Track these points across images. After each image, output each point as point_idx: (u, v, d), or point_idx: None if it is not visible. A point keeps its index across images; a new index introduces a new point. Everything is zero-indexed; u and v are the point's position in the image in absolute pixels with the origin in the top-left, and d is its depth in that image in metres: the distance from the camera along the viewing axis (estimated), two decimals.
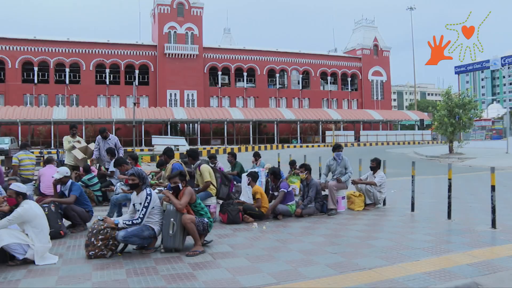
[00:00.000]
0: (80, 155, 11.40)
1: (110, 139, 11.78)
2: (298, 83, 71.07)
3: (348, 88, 74.98)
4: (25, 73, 58.81)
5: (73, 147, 11.62)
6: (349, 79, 74.48)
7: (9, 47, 57.27)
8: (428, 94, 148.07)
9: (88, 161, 12.02)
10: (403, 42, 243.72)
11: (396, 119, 70.76)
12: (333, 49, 78.18)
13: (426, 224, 8.29)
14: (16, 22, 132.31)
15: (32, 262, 5.91)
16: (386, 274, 5.22)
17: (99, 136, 11.91)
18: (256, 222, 8.53)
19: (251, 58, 67.62)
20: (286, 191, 9.04)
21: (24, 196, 6.22)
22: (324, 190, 9.85)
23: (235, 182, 9.77)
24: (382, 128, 69.95)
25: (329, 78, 72.99)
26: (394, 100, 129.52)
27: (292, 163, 12.74)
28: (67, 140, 11.77)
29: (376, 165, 10.40)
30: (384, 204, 10.55)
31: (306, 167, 9.61)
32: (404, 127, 75.38)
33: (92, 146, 12.00)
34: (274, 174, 9.54)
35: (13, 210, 6.07)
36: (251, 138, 60.04)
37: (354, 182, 10.42)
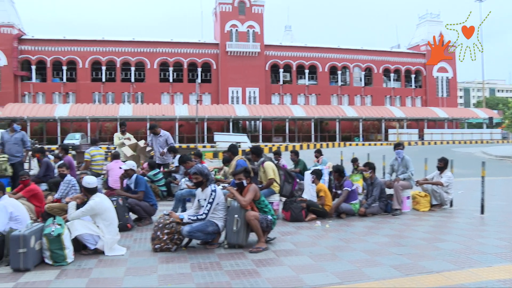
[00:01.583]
0: (129, 152, 11.64)
1: (161, 135, 11.95)
2: (360, 80, 69.81)
3: (411, 85, 72.71)
4: (94, 73, 61.28)
5: (123, 144, 11.90)
6: (412, 75, 72.21)
7: (80, 48, 59.95)
8: (498, 91, 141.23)
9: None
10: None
11: (463, 117, 67.99)
12: (396, 45, 76.15)
13: (498, 228, 7.91)
14: (83, 23, 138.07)
15: (102, 252, 6.19)
16: (455, 278, 5.03)
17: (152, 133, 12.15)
18: (319, 221, 8.48)
19: (313, 55, 67.12)
20: (349, 189, 8.93)
21: (95, 190, 6.52)
22: (390, 188, 9.64)
23: (298, 180, 9.73)
24: (447, 126, 67.40)
25: (392, 75, 71.12)
26: (461, 97, 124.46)
27: (354, 160, 12.57)
28: (117, 137, 12.11)
29: (443, 165, 10.07)
30: (451, 205, 10.19)
31: (370, 166, 9.44)
32: (471, 126, 72.28)
33: (141, 143, 12.24)
34: (339, 171, 9.44)
35: (86, 202, 6.38)
36: (312, 136, 59.66)
37: (419, 183, 10.13)
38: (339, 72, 68.24)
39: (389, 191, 9.68)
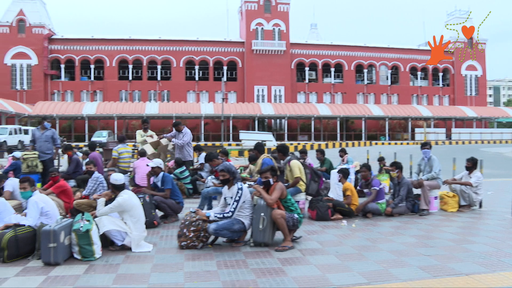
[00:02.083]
0: (150, 150, 11.68)
1: (183, 133, 11.99)
2: (387, 79, 69.08)
3: (439, 84, 71.53)
4: (121, 71, 62.24)
5: (145, 141, 11.97)
6: (440, 74, 71.02)
7: (108, 47, 60.99)
8: None
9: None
10: (502, 33, 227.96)
11: (492, 116, 66.50)
12: (424, 43, 74.95)
13: None
14: (111, 22, 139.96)
15: (129, 249, 6.27)
16: (486, 282, 4.92)
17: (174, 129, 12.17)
18: (345, 220, 8.42)
19: (339, 53, 66.68)
20: (378, 189, 8.84)
21: (122, 187, 6.60)
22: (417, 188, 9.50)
23: (324, 179, 9.67)
24: (476, 125, 66.06)
25: (419, 73, 70.12)
26: (490, 96, 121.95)
27: (381, 159, 12.44)
28: (139, 134, 12.19)
29: (472, 165, 9.87)
30: (480, 206, 9.96)
31: (397, 165, 9.33)
32: (501, 125, 70.75)
33: (164, 141, 12.31)
34: (368, 167, 9.39)
35: (114, 199, 6.47)
36: (338, 134, 59.33)
37: (446, 182, 9.96)
38: (365, 70, 67.67)
39: (416, 191, 9.54)
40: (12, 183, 8.47)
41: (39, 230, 5.78)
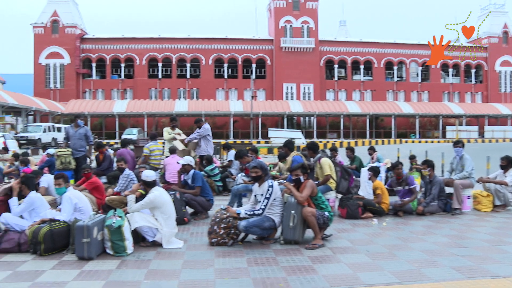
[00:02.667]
0: (181, 146, 11.76)
1: (205, 128, 11.97)
2: (417, 76, 67.90)
3: (471, 80, 69.82)
4: (150, 69, 62.92)
5: (174, 138, 12.03)
6: (473, 70, 69.27)
7: (138, 46, 61.76)
8: None
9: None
10: None
11: None
12: (456, 38, 73.23)
13: None
14: (139, 21, 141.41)
15: (160, 245, 6.35)
16: None
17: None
18: (376, 218, 8.32)
19: (368, 50, 65.92)
20: (414, 186, 8.74)
21: (153, 184, 6.68)
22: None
23: (354, 177, 9.58)
24: (510, 123, 64.36)
25: (450, 70, 68.55)
26: None
27: (412, 158, 12.26)
28: (167, 131, 12.26)
29: (507, 163, 9.61)
30: None
31: (429, 164, 9.18)
32: None
33: (192, 135, 12.30)
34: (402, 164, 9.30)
35: (145, 196, 6.55)
36: (367, 132, 58.73)
37: (481, 180, 9.72)
38: (395, 67, 66.69)
39: (448, 190, 9.36)
40: (47, 179, 8.67)
41: (73, 225, 5.91)
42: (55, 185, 6.99)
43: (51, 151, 12.38)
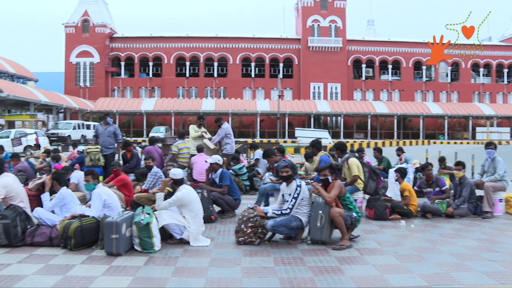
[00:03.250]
0: (211, 145, 11.80)
1: (223, 128, 11.99)
2: (447, 76, 66.67)
3: (503, 81, 68.14)
4: (178, 68, 63.49)
5: (202, 137, 12.04)
6: (505, 70, 67.48)
7: (166, 45, 62.39)
8: None
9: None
10: None
11: None
12: (487, 37, 71.68)
13: None
14: (167, 19, 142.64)
15: (187, 242, 6.39)
16: None
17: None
18: (404, 220, 8.21)
19: (396, 50, 65.05)
20: (447, 187, 8.60)
21: (181, 182, 6.73)
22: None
23: (381, 178, 9.47)
24: None
25: (481, 70, 67.09)
26: None
27: (442, 160, 12.04)
28: (193, 129, 12.29)
29: None
30: None
31: (463, 165, 9.01)
32: None
33: (216, 138, 12.30)
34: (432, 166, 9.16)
35: (173, 193, 6.61)
36: (395, 133, 57.97)
37: None
38: (424, 67, 65.60)
39: (479, 192, 9.16)
40: (77, 176, 8.83)
41: (102, 222, 6.00)
42: (84, 182, 7.12)
43: (81, 148, 12.59)
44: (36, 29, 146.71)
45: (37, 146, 16.42)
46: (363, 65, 64.70)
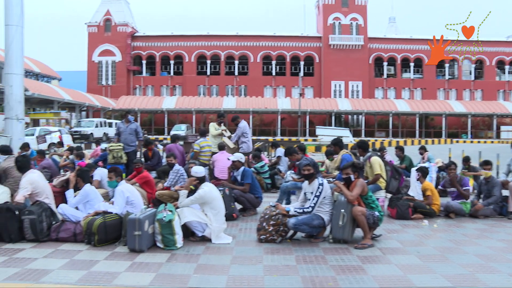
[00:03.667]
0: (231, 144, 11.81)
1: (240, 127, 11.97)
2: (470, 74, 65.52)
3: None
4: (199, 66, 63.78)
5: (222, 134, 12.05)
6: None
7: (187, 43, 62.75)
8: None
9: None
10: None
11: None
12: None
13: None
14: (188, 18, 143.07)
15: (209, 240, 6.43)
16: None
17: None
18: (427, 219, 8.12)
19: (418, 47, 64.14)
20: (469, 188, 8.47)
21: (203, 180, 6.77)
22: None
23: (404, 176, 9.37)
24: None
25: (507, 67, 65.73)
26: None
27: (466, 160, 11.87)
28: (213, 127, 12.32)
29: None
30: None
31: (491, 164, 8.87)
32: None
33: (233, 137, 12.30)
34: (455, 165, 9.03)
35: (195, 191, 6.64)
36: (417, 131, 57.31)
37: None
38: (447, 65, 64.65)
39: (505, 193, 8.98)
40: (100, 173, 8.93)
41: (125, 218, 6.06)
42: (107, 179, 7.20)
43: (104, 146, 12.74)
44: (60, 29, 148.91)
45: (61, 143, 16.68)
46: (385, 63, 64.10)
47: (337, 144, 9.19)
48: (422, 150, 13.10)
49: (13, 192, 7.09)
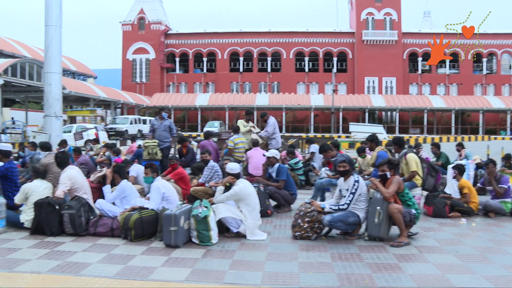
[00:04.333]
0: (260, 139, 11.77)
1: (268, 123, 11.92)
2: (510, 68, 63.70)
3: None
4: (232, 63, 64.08)
5: (251, 131, 12.06)
6: None
7: (219, 40, 63.15)
8: None
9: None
10: None
11: None
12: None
13: None
14: (220, 15, 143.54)
15: (244, 236, 6.45)
16: None
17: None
18: (464, 218, 7.93)
19: (454, 41, 62.45)
20: (506, 187, 8.23)
21: (238, 176, 6.80)
22: None
23: (440, 174, 9.18)
24: None
25: None
26: None
27: (507, 157, 11.56)
28: (242, 124, 12.35)
29: None
30: None
31: None
32: None
33: (263, 133, 12.26)
34: (494, 163, 8.78)
35: (230, 187, 6.68)
36: (453, 128, 56.11)
37: None
38: (485, 59, 62.93)
39: None
40: (136, 169, 9.08)
41: (161, 214, 6.13)
42: (143, 175, 7.31)
43: (139, 142, 12.93)
44: (95, 28, 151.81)
45: (96, 140, 16.99)
46: (419, 58, 62.90)
47: (373, 140, 9.06)
48: (459, 147, 12.83)
49: (53, 187, 7.27)
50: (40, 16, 14.31)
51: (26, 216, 6.70)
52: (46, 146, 10.52)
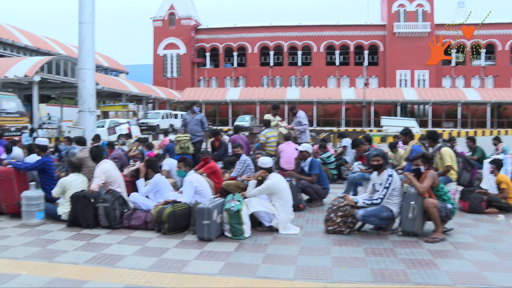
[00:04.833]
0: (285, 131, 11.73)
1: (297, 117, 11.84)
2: None
3: None
4: (262, 57, 64.10)
5: (278, 125, 12.01)
6: None
7: (249, 35, 63.25)
8: None
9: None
10: None
11: None
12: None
13: None
14: (250, 9, 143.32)
15: (276, 230, 6.45)
16: None
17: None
18: (502, 214, 7.73)
19: (490, 32, 60.64)
20: None
21: (270, 170, 6.80)
22: None
23: (476, 168, 8.97)
24: None
25: None
26: None
27: None
28: (269, 118, 12.32)
29: None
30: None
31: None
32: None
33: (298, 126, 12.19)
34: None
35: (262, 181, 6.69)
36: (488, 122, 54.76)
37: None
38: None
39: None
40: (169, 163, 9.19)
41: (194, 208, 6.19)
42: (176, 168, 7.39)
43: (171, 136, 13.06)
44: (127, 24, 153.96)
45: (129, 135, 17.25)
46: (453, 50, 61.46)
47: (407, 134, 8.91)
48: (496, 141, 12.53)
49: (88, 181, 7.42)
50: (74, 15, 14.61)
51: (64, 208, 6.88)
52: (81, 141, 10.75)
